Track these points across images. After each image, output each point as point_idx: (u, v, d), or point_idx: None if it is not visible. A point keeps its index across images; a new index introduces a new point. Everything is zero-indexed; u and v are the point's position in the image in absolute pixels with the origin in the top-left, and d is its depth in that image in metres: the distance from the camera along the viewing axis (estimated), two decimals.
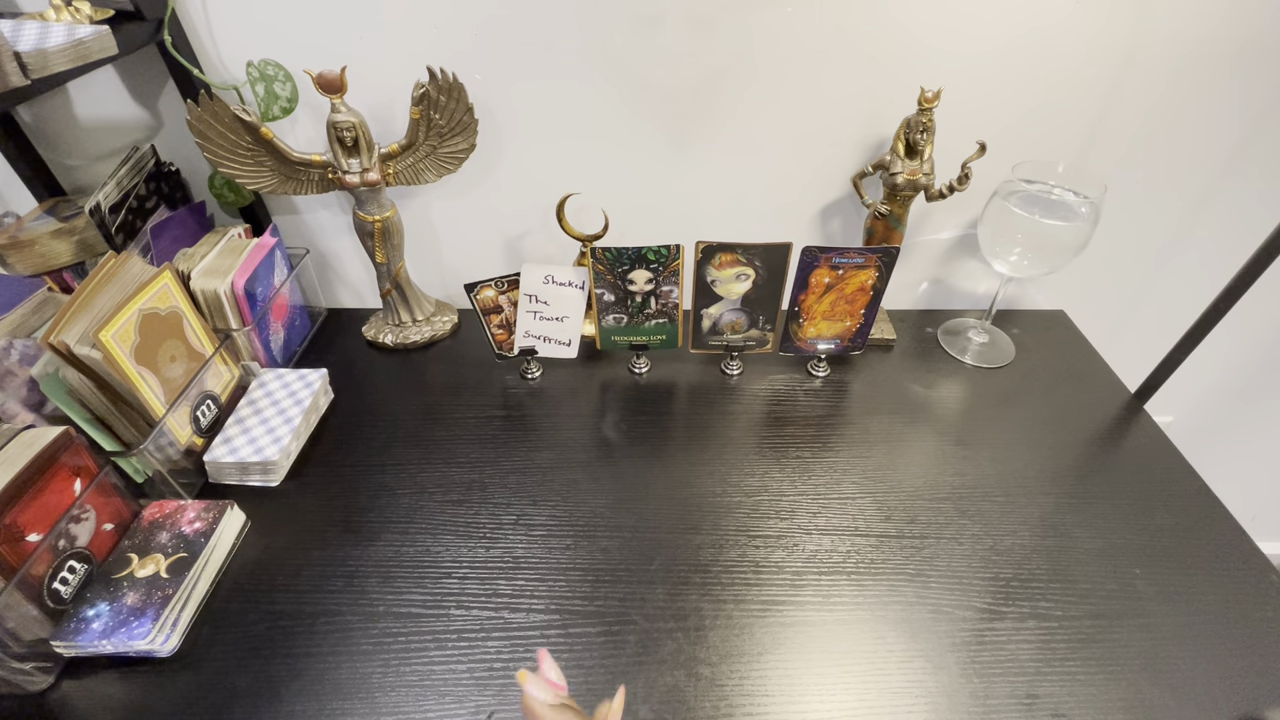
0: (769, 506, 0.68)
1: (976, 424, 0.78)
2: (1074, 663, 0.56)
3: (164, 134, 0.83)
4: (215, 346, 0.74)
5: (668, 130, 0.81)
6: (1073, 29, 0.73)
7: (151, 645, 0.54)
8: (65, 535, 0.55)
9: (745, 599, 0.60)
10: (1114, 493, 0.70)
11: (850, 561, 0.63)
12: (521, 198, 0.87)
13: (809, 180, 0.86)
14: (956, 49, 0.74)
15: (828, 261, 0.75)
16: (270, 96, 0.76)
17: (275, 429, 0.72)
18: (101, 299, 0.64)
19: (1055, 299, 0.98)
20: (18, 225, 0.74)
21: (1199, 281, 0.83)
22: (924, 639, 0.57)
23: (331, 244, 0.93)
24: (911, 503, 0.69)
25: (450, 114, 0.75)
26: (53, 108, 0.80)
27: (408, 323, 0.91)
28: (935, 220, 0.90)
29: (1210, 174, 0.85)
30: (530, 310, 0.79)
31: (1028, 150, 0.80)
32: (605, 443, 0.76)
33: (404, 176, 0.79)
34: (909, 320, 0.95)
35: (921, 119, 0.73)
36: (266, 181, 0.76)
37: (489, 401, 0.81)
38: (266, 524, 0.67)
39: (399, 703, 0.53)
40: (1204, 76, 0.76)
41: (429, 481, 0.71)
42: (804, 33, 0.74)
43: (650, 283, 0.77)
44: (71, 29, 0.60)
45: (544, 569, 0.63)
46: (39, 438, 0.55)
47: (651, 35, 0.74)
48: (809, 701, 0.53)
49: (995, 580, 0.62)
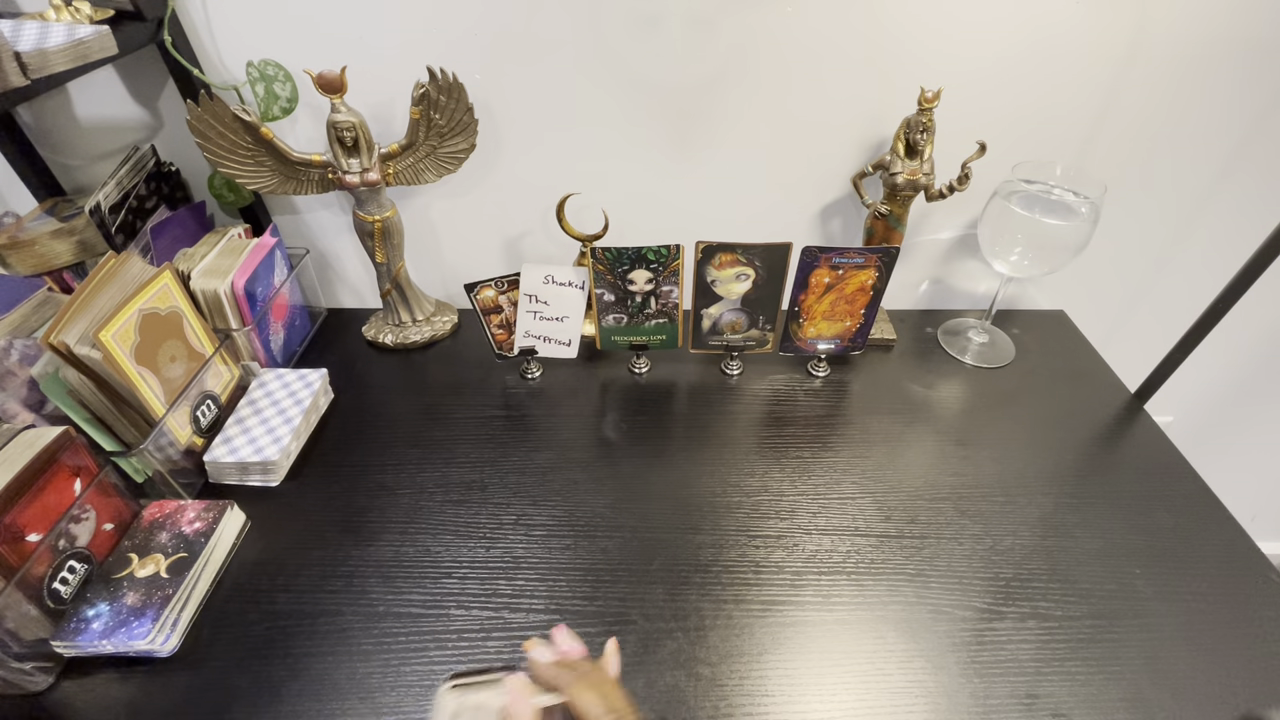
0: (769, 506, 0.68)
1: (976, 424, 0.78)
2: (1074, 663, 0.56)
3: (164, 134, 0.83)
4: (215, 346, 0.74)
5: (668, 130, 0.81)
6: (1073, 29, 0.73)
7: (151, 645, 0.54)
8: (65, 535, 0.55)
9: (745, 599, 0.60)
10: (1114, 493, 0.70)
11: (850, 561, 0.63)
12: (521, 198, 0.87)
13: (809, 180, 0.86)
14: (957, 49, 0.74)
15: (828, 261, 0.75)
16: (270, 96, 0.76)
17: (275, 429, 0.72)
18: (101, 299, 0.64)
19: (1055, 299, 0.98)
20: (18, 225, 0.74)
21: (1199, 281, 0.83)
22: (924, 639, 0.57)
23: (331, 244, 0.93)
24: (911, 503, 0.69)
25: (450, 114, 0.75)
26: (53, 108, 0.80)
27: (408, 323, 0.91)
28: (935, 220, 0.90)
29: (1210, 174, 0.85)
30: (530, 310, 0.79)
31: (1028, 150, 0.80)
32: (605, 443, 0.76)
33: (404, 176, 0.79)
34: (909, 320, 0.95)
35: (921, 119, 0.73)
36: (266, 181, 0.76)
37: (489, 401, 0.81)
38: (266, 524, 0.67)
39: (399, 703, 0.53)
40: (1204, 76, 0.76)
41: (429, 481, 0.71)
42: (804, 33, 0.74)
43: (650, 283, 0.77)
44: (71, 29, 0.60)
45: (544, 569, 0.63)
46: (39, 438, 0.55)
47: (652, 35, 0.74)
48: (809, 701, 0.53)
49: (995, 580, 0.62)
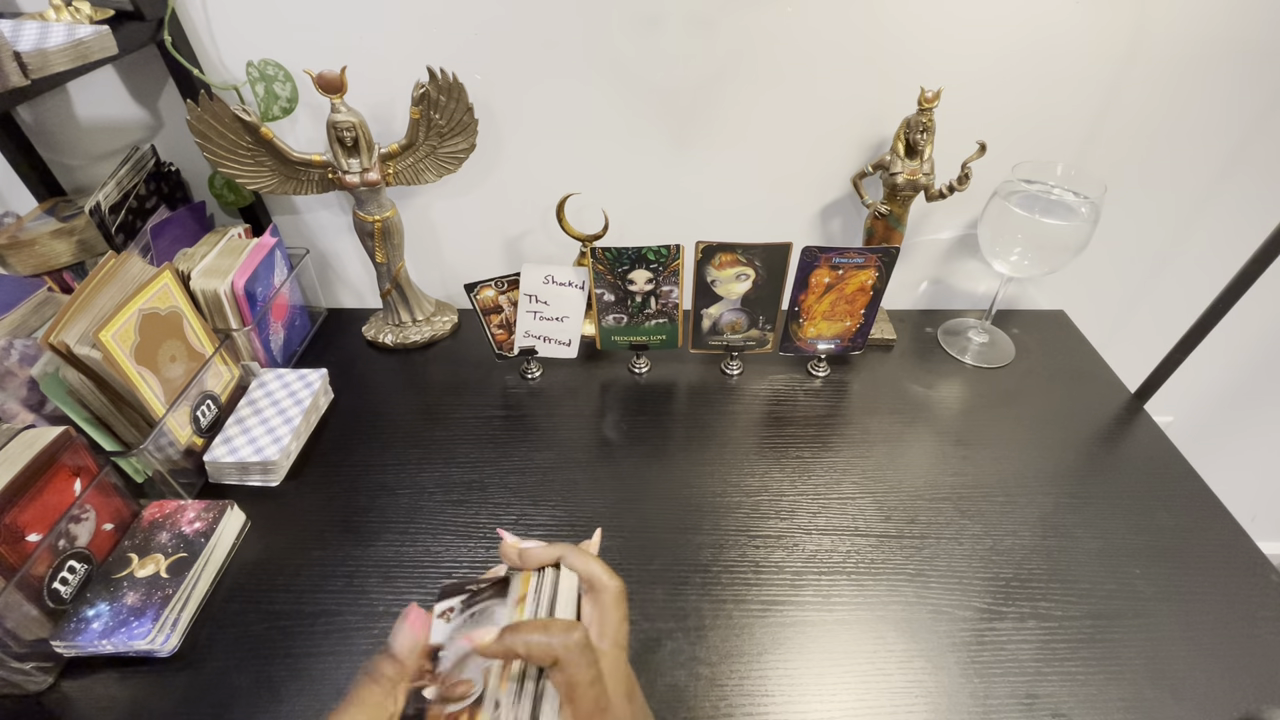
0: (769, 506, 0.68)
1: (976, 424, 0.78)
2: (1074, 663, 0.56)
3: (164, 134, 0.83)
4: (215, 346, 0.74)
5: (668, 130, 0.81)
6: (1073, 29, 0.73)
7: (151, 645, 0.54)
8: (65, 535, 0.55)
9: (745, 599, 0.60)
10: (1114, 493, 0.70)
11: (850, 561, 0.63)
12: (521, 198, 0.87)
13: (809, 180, 0.86)
14: (956, 49, 0.74)
15: (828, 261, 0.75)
16: (270, 96, 0.76)
17: (275, 429, 0.72)
18: (101, 299, 0.64)
19: (1055, 299, 0.98)
20: (18, 225, 0.74)
21: (1199, 281, 0.83)
22: (924, 639, 0.57)
23: (331, 244, 0.93)
24: (911, 503, 0.69)
25: (450, 114, 0.75)
26: (53, 108, 0.80)
27: (408, 323, 0.91)
28: (935, 220, 0.90)
29: (1210, 174, 0.85)
30: (530, 310, 0.79)
31: (1028, 150, 0.80)
32: (605, 443, 0.76)
33: (404, 176, 0.79)
34: (909, 320, 0.95)
35: (921, 119, 0.73)
36: (266, 181, 0.76)
37: (489, 401, 0.81)
38: (266, 524, 0.67)
39: None
40: (1204, 76, 0.76)
41: (429, 481, 0.71)
42: (803, 33, 0.74)
43: (650, 283, 0.77)
44: (71, 29, 0.60)
45: None
46: (39, 438, 0.55)
47: (652, 35, 0.74)
48: (809, 701, 0.53)
49: (995, 580, 0.62)
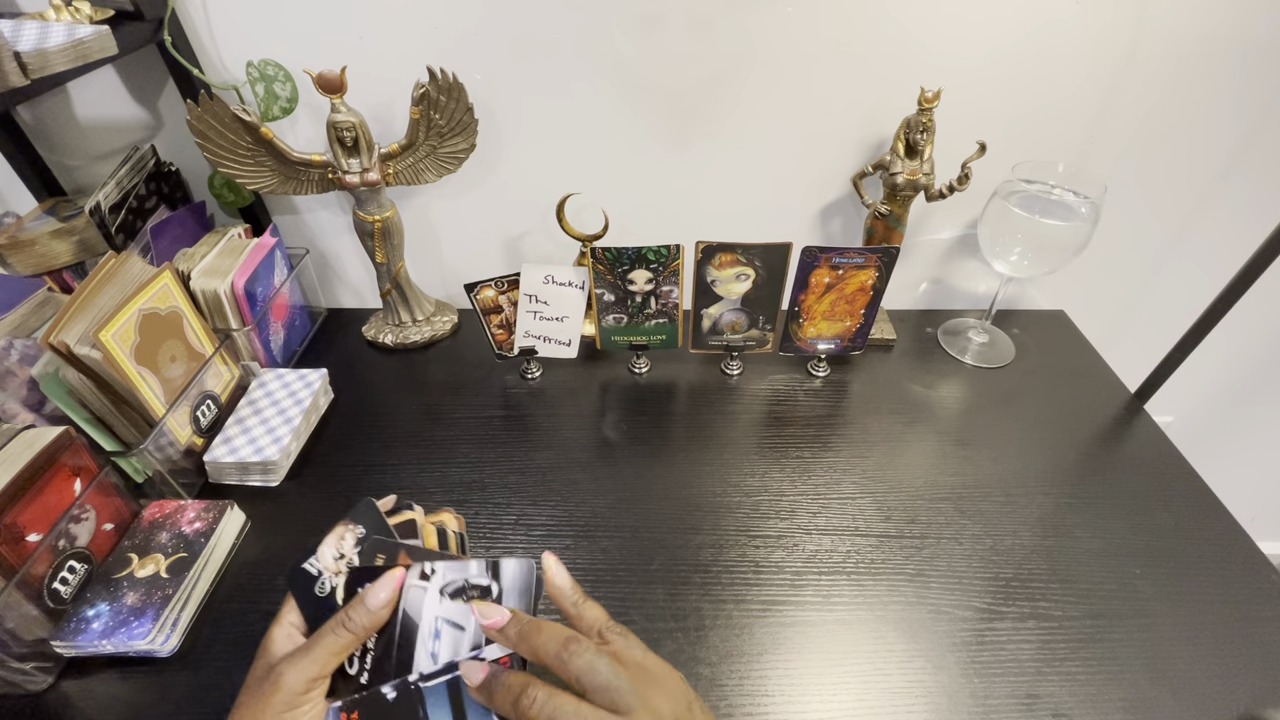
0: (769, 506, 0.68)
1: (976, 424, 0.78)
2: (1074, 663, 0.56)
3: (164, 134, 0.83)
4: (215, 346, 0.74)
5: (668, 130, 0.81)
6: (1073, 29, 0.73)
7: (151, 645, 0.54)
8: (65, 535, 0.55)
9: (745, 599, 0.60)
10: (1114, 493, 0.70)
11: (850, 561, 0.63)
12: (521, 198, 0.87)
13: (809, 180, 0.86)
14: (956, 49, 0.74)
15: (828, 261, 0.75)
16: (270, 96, 0.76)
17: (275, 429, 0.72)
18: (101, 299, 0.64)
19: (1055, 299, 0.98)
20: (18, 225, 0.74)
21: (1199, 281, 0.83)
22: (924, 639, 0.57)
23: (331, 244, 0.93)
24: (911, 503, 0.69)
25: (450, 114, 0.75)
26: (53, 108, 0.80)
27: (408, 323, 0.91)
28: (935, 220, 0.90)
29: (1210, 174, 0.85)
30: (530, 310, 0.79)
31: (1028, 150, 0.80)
32: (605, 443, 0.76)
33: (404, 176, 0.79)
34: (909, 320, 0.95)
35: (921, 119, 0.73)
36: (266, 181, 0.76)
37: (489, 401, 0.81)
38: (266, 524, 0.67)
39: None
40: (1204, 76, 0.76)
41: (429, 481, 0.71)
42: (803, 33, 0.74)
43: (650, 283, 0.77)
44: (71, 29, 0.60)
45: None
46: (39, 438, 0.55)
47: (651, 35, 0.74)
48: (809, 701, 0.53)
49: (995, 580, 0.62)
